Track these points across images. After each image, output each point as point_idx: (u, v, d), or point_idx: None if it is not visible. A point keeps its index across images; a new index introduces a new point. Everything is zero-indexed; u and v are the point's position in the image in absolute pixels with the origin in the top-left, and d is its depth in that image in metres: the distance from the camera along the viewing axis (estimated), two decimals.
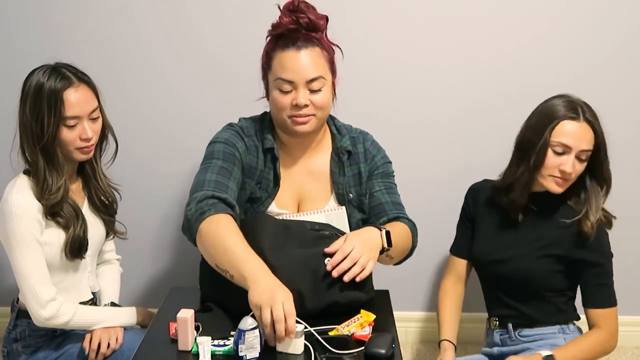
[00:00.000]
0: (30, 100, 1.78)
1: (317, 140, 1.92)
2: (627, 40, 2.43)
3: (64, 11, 2.47)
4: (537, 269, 1.91)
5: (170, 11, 2.47)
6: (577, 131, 1.80)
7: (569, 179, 1.83)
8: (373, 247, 1.68)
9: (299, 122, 1.81)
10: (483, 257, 2.02)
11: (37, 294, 1.79)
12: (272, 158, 1.89)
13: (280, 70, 1.79)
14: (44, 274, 1.81)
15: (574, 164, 1.81)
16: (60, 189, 1.81)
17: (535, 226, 1.93)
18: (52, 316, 1.81)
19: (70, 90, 1.79)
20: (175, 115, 2.56)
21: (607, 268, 1.92)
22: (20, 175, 1.85)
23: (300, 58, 1.77)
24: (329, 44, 1.85)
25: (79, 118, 1.81)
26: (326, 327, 1.58)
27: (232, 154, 1.85)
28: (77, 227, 1.86)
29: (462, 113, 2.54)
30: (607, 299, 1.92)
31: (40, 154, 1.80)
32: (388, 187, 1.94)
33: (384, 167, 1.96)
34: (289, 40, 1.78)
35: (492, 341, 2.05)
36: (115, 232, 2.05)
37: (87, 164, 1.94)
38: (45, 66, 1.82)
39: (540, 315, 1.96)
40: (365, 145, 1.97)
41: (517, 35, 2.47)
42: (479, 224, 2.05)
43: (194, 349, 1.52)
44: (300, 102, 1.77)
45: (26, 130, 1.80)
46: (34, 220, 1.79)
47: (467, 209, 2.10)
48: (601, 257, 1.91)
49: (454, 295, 2.11)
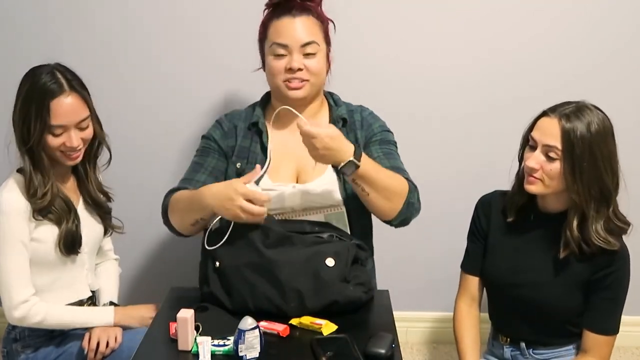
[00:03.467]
0: (21, 101, 1.79)
1: (314, 111, 1.93)
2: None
3: (62, 7, 2.47)
4: (556, 295, 1.81)
5: (169, 7, 2.47)
6: (545, 126, 1.72)
7: (536, 177, 1.73)
8: (339, 147, 1.66)
9: (292, 87, 1.84)
10: (498, 279, 1.91)
11: (10, 295, 1.81)
12: (257, 131, 1.91)
13: (275, 36, 1.84)
14: (22, 275, 1.82)
15: (540, 161, 1.72)
16: (46, 194, 1.81)
17: (552, 247, 1.81)
18: (23, 317, 1.82)
19: (59, 99, 1.77)
20: (178, 112, 2.56)
21: (618, 294, 1.79)
22: (14, 174, 1.85)
23: (295, 23, 1.83)
24: (324, 16, 1.90)
25: (65, 127, 1.79)
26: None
27: (207, 145, 1.96)
28: (69, 221, 1.85)
29: (469, 113, 2.55)
30: (611, 326, 1.80)
31: (26, 156, 1.80)
32: (387, 153, 1.91)
33: (382, 135, 1.94)
34: (285, 8, 1.84)
35: (501, 355, 1.96)
36: (113, 227, 2.05)
37: (80, 166, 1.94)
38: (44, 67, 1.81)
39: (556, 336, 1.87)
40: (362, 115, 1.97)
41: (518, 34, 2.47)
42: (492, 240, 1.92)
43: (194, 349, 1.51)
44: (294, 65, 1.81)
45: (15, 131, 1.81)
46: (21, 220, 1.79)
47: (477, 222, 1.97)
48: (614, 283, 1.77)
49: (472, 320, 1.95)
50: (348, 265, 1.68)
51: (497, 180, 1.95)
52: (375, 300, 1.76)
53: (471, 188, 2.10)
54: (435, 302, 2.74)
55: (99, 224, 2.00)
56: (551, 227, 1.81)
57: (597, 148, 1.69)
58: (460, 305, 1.98)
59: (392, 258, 2.11)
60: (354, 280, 1.68)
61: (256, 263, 1.66)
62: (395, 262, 2.52)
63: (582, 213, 1.73)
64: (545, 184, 1.74)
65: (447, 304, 2.12)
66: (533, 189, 1.76)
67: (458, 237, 2.07)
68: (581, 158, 1.68)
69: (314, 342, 1.52)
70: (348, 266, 1.68)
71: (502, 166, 1.92)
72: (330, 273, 1.64)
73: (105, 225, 2.02)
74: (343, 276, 1.66)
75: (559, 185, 1.74)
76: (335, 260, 1.66)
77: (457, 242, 2.08)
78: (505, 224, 1.89)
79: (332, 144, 1.65)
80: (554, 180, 1.73)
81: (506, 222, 1.89)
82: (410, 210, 1.80)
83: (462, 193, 2.25)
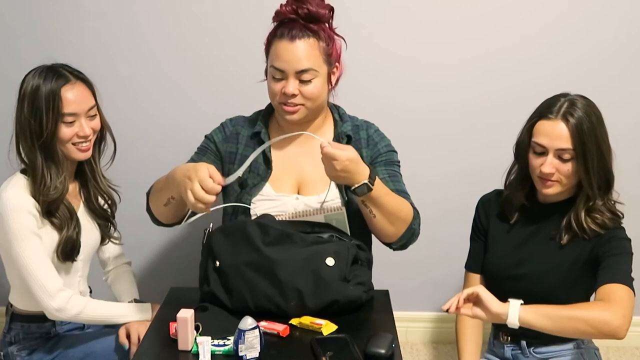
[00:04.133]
0: (27, 100, 1.79)
1: (317, 125, 1.93)
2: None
3: (62, 7, 2.47)
4: (557, 282, 1.81)
5: (170, 7, 2.47)
6: (551, 130, 1.73)
7: (553, 180, 1.76)
8: (356, 170, 1.66)
9: (287, 111, 1.84)
10: (498, 274, 1.91)
11: (43, 285, 1.79)
12: (259, 141, 1.91)
13: (273, 59, 1.83)
14: (48, 265, 1.81)
15: (554, 164, 1.74)
16: (59, 185, 1.81)
17: (552, 235, 1.83)
18: (62, 307, 1.81)
19: (67, 87, 1.80)
20: (179, 112, 2.56)
21: (624, 249, 1.74)
22: (17, 175, 1.85)
23: (292, 49, 1.80)
24: (331, 35, 1.86)
25: (77, 115, 1.81)
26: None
27: (206, 145, 1.98)
28: (70, 228, 1.85)
29: (468, 110, 2.55)
30: (623, 277, 1.68)
31: (38, 152, 1.80)
32: (392, 175, 1.91)
33: (388, 155, 1.95)
34: (286, 29, 1.81)
35: (502, 355, 1.96)
36: (110, 238, 2.04)
37: (87, 165, 1.94)
38: (41, 67, 1.83)
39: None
40: (368, 132, 1.97)
41: (518, 33, 2.47)
42: (493, 237, 1.95)
43: (194, 349, 1.52)
44: (288, 91, 1.81)
45: (24, 130, 1.80)
46: (28, 214, 1.78)
47: (478, 222, 1.99)
48: (618, 243, 1.75)
49: (473, 320, 1.89)
50: (348, 265, 1.68)
51: (497, 180, 1.95)
52: (375, 300, 1.76)
53: (471, 188, 2.10)
54: (435, 302, 2.73)
55: (96, 231, 1.99)
56: (551, 217, 1.84)
57: (600, 136, 1.75)
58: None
59: (392, 258, 2.10)
60: (354, 280, 1.69)
61: (256, 262, 1.66)
62: (395, 262, 2.51)
63: (587, 199, 1.77)
64: (563, 184, 1.78)
65: None
66: (551, 191, 1.79)
67: (458, 237, 2.07)
68: (591, 151, 1.73)
69: (314, 342, 1.52)
70: (348, 266, 1.68)
71: (502, 166, 1.92)
72: (331, 272, 1.64)
73: (103, 234, 2.01)
74: (343, 276, 1.67)
75: (572, 181, 1.78)
76: (335, 259, 1.66)
77: (457, 242, 2.08)
78: (505, 220, 1.92)
79: (351, 166, 1.65)
80: (569, 178, 1.77)
81: (506, 220, 1.91)
82: (412, 236, 1.84)
83: (462, 193, 2.25)
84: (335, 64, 1.90)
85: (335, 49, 1.88)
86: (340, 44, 1.90)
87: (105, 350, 1.90)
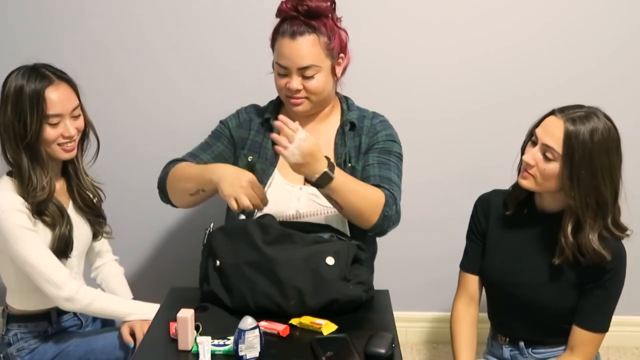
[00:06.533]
0: (11, 101, 1.79)
1: (324, 115, 1.98)
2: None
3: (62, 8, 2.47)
4: (552, 295, 1.81)
5: (170, 7, 2.47)
6: (549, 125, 1.71)
7: (530, 172, 1.73)
8: (311, 155, 1.65)
9: (293, 103, 1.90)
10: (496, 279, 1.90)
11: (50, 277, 1.80)
12: (269, 127, 1.95)
13: (277, 55, 1.88)
14: (50, 257, 1.82)
15: (536, 158, 1.71)
16: (46, 186, 1.81)
17: (548, 249, 1.80)
18: (71, 297, 1.81)
19: (51, 88, 1.79)
20: (179, 112, 2.56)
21: (612, 293, 1.77)
22: (3, 177, 1.85)
23: (293, 46, 1.83)
24: (333, 28, 1.87)
25: (61, 116, 1.81)
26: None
27: (220, 130, 2.02)
28: (62, 226, 1.86)
29: (468, 111, 2.55)
30: (600, 324, 1.78)
31: (23, 153, 1.80)
32: (382, 162, 1.90)
33: (386, 144, 1.95)
34: (287, 26, 1.85)
35: (500, 355, 1.96)
36: (102, 232, 2.04)
37: (70, 164, 1.94)
38: (24, 67, 1.82)
39: (554, 335, 1.86)
40: (372, 122, 1.99)
41: (518, 33, 2.47)
42: (491, 239, 1.92)
43: (194, 348, 1.51)
44: (292, 87, 1.86)
45: (8, 131, 1.80)
46: (21, 213, 1.79)
47: (476, 221, 1.95)
48: (609, 281, 1.75)
49: (468, 320, 1.93)
50: (348, 265, 1.68)
51: (498, 180, 1.95)
52: (375, 300, 1.76)
53: (471, 188, 2.10)
54: (435, 302, 2.73)
55: (88, 227, 1.99)
56: (548, 228, 1.81)
57: (597, 158, 1.68)
58: (458, 304, 1.97)
59: (392, 258, 2.11)
60: (354, 279, 1.69)
61: (256, 261, 1.67)
62: (395, 262, 2.52)
63: (577, 219, 1.73)
64: (537, 182, 1.75)
65: (447, 303, 2.12)
66: (525, 183, 1.77)
67: (458, 237, 2.07)
68: (580, 165, 1.67)
69: (314, 342, 1.52)
70: (348, 265, 1.68)
71: (502, 166, 1.92)
72: (331, 272, 1.64)
73: (94, 229, 2.01)
74: (343, 275, 1.67)
75: (552, 186, 1.73)
76: (335, 259, 1.66)
77: (457, 242, 2.08)
78: (504, 223, 1.89)
79: (306, 151, 1.64)
80: (548, 180, 1.73)
81: (505, 221, 1.89)
82: (387, 222, 1.80)
83: (462, 193, 2.25)
84: (340, 56, 1.92)
85: (340, 41, 1.90)
86: (344, 34, 1.92)
87: (106, 347, 1.91)
